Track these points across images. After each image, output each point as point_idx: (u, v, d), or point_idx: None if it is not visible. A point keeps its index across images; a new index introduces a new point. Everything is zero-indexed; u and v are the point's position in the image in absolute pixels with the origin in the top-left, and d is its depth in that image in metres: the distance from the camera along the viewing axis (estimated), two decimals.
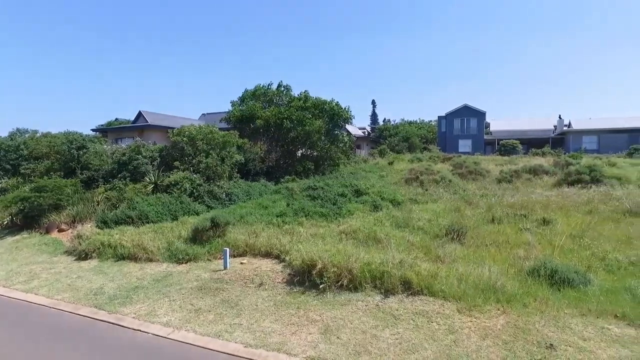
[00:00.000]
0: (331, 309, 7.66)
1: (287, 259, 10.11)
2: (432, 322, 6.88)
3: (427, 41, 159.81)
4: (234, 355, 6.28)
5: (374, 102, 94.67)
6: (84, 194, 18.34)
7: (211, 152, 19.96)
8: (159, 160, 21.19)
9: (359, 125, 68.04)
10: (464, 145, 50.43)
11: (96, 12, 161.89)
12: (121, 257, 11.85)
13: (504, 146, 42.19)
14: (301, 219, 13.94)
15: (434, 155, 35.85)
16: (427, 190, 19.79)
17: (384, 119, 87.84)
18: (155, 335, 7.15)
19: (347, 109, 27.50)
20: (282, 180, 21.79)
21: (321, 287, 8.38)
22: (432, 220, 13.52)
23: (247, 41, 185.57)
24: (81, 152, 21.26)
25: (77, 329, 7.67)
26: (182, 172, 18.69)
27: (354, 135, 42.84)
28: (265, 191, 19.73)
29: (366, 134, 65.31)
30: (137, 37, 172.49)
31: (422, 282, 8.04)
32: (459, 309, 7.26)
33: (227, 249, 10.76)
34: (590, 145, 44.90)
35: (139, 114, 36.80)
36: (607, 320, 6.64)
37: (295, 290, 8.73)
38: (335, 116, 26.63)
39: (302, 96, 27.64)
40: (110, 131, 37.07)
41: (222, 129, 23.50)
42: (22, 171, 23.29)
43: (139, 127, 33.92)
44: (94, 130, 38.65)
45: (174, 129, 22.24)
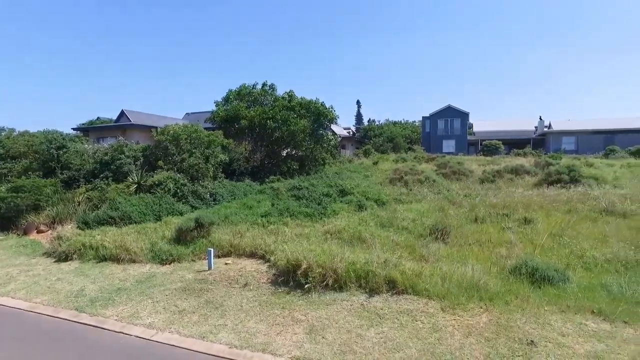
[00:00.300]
0: (316, 308, 7.67)
1: (272, 259, 10.08)
2: (416, 321, 6.95)
3: (411, 42, 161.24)
4: (218, 356, 6.23)
5: (358, 102, 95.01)
6: (65, 194, 17.94)
7: (195, 152, 19.77)
8: (142, 160, 20.88)
9: (344, 125, 68.18)
10: (448, 145, 51.09)
11: (76, 10, 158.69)
12: (103, 259, 11.63)
13: (486, 146, 42.89)
14: (286, 219, 13.92)
15: (419, 155, 36.16)
16: (411, 190, 19.96)
17: (369, 119, 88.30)
18: (138, 337, 7.05)
19: (331, 109, 27.54)
20: (267, 180, 21.72)
21: (306, 287, 8.38)
22: (417, 219, 13.64)
23: (231, 41, 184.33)
24: (61, 152, 20.79)
25: (57, 332, 7.49)
26: (166, 171, 18.46)
27: (338, 135, 42.92)
28: (250, 191, 19.63)
29: (351, 134, 65.52)
30: (118, 35, 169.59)
31: (407, 281, 8.11)
32: (442, 308, 7.36)
33: (212, 250, 10.68)
34: (569, 146, 46.04)
35: (122, 113, 36.29)
36: (585, 316, 6.83)
37: (280, 290, 8.72)
38: (320, 116, 26.62)
39: (287, 96, 27.58)
40: (91, 130, 36.46)
41: (206, 128, 23.30)
42: None
43: (121, 126, 33.45)
44: (74, 129, 37.96)
45: (157, 128, 21.97)
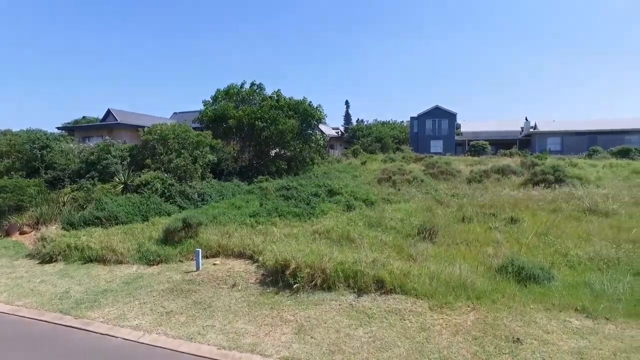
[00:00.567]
0: (305, 308, 7.67)
1: (260, 259, 10.05)
2: (404, 320, 7.00)
3: (400, 43, 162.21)
4: (206, 357, 6.18)
5: (347, 102, 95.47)
6: (49, 194, 17.62)
7: (183, 152, 19.61)
8: (129, 159, 20.64)
9: (332, 125, 68.16)
10: (436, 145, 51.46)
11: (62, 6, 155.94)
12: (89, 260, 11.45)
13: (474, 147, 43.32)
14: (274, 219, 13.89)
15: (407, 155, 36.26)
16: (399, 190, 20.06)
17: (358, 119, 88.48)
18: (124, 339, 6.95)
19: (319, 109, 27.50)
20: (256, 180, 21.63)
21: (295, 287, 8.38)
22: (405, 219, 13.72)
23: (218, 40, 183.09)
24: (45, 152, 20.42)
25: (41, 335, 7.34)
26: (154, 171, 18.28)
27: (327, 135, 42.98)
28: (238, 191, 19.54)
29: (339, 134, 65.50)
30: (104, 33, 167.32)
31: (395, 281, 8.16)
32: (430, 307, 7.42)
33: (200, 250, 10.60)
34: (554, 146, 46.76)
35: (108, 112, 35.79)
36: (569, 313, 6.96)
37: (268, 290, 8.69)
38: (307, 116, 26.59)
39: (275, 95, 27.49)
40: (77, 130, 35.88)
41: (194, 128, 23.13)
42: None
43: (108, 125, 33.01)
44: (59, 128, 37.23)
45: (145, 127, 21.72)
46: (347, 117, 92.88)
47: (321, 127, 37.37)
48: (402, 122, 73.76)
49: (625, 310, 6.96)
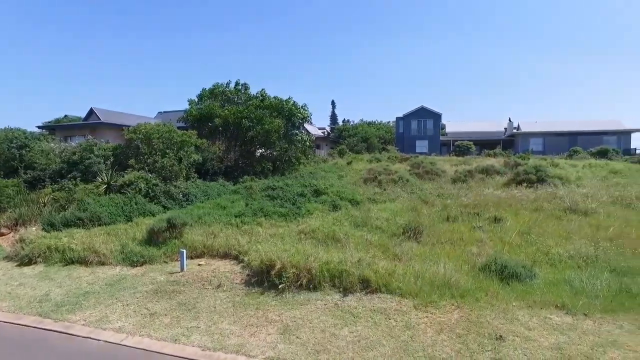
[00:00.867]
0: (290, 309, 7.67)
1: (245, 259, 10.02)
2: (389, 319, 7.05)
3: (386, 43, 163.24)
4: (191, 359, 6.14)
5: (333, 102, 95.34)
6: (28, 195, 17.21)
7: (168, 152, 19.39)
8: (112, 159, 20.33)
9: (318, 125, 68.21)
10: (421, 145, 51.91)
11: (44, 3, 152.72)
12: (70, 262, 11.23)
13: (458, 147, 43.83)
14: (260, 219, 13.85)
15: (392, 155, 36.44)
16: (385, 189, 20.17)
17: (344, 120, 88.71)
18: (107, 342, 6.84)
19: (304, 108, 27.45)
20: (241, 180, 21.48)
21: (280, 287, 8.37)
22: (390, 219, 13.81)
23: (203, 39, 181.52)
24: (24, 151, 19.95)
25: (19, 340, 7.16)
26: (137, 171, 18.02)
27: (313, 135, 42.95)
28: (223, 191, 19.40)
29: (326, 134, 65.62)
30: (87, 31, 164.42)
31: (380, 280, 8.22)
32: (415, 306, 7.49)
33: (184, 251, 10.51)
34: (536, 146, 47.68)
35: (91, 111, 35.22)
36: (550, 310, 7.12)
37: (254, 290, 8.66)
38: (292, 115, 26.54)
39: (260, 95, 27.37)
40: (58, 129, 35.20)
41: (179, 128, 22.89)
42: None
43: (90, 124, 32.48)
44: (40, 127, 36.41)
45: (129, 127, 21.42)
46: (334, 117, 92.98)
47: (307, 127, 37.29)
48: (388, 122, 74.17)
49: (602, 306, 7.17)
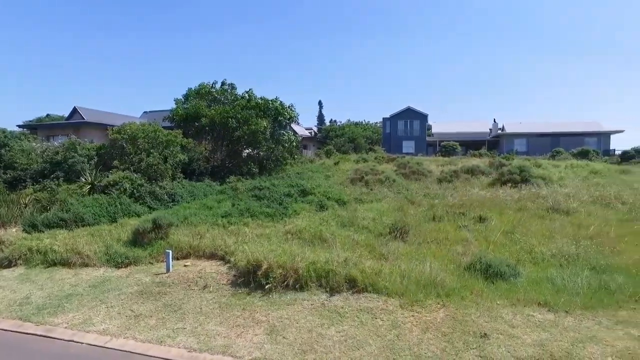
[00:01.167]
0: (277, 309, 7.66)
1: (232, 260, 9.96)
2: (376, 318, 7.09)
3: (373, 44, 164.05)
4: None
5: (320, 102, 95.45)
6: (8, 195, 16.82)
7: (153, 152, 19.18)
8: (96, 159, 20.06)
9: (305, 125, 68.23)
10: (408, 146, 52.31)
11: (24, 1, 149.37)
12: (52, 263, 11.01)
13: (444, 147, 44.28)
14: (247, 219, 13.80)
15: (379, 155, 36.60)
16: (372, 190, 20.26)
17: (331, 120, 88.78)
18: (90, 345, 6.74)
19: (291, 108, 27.43)
20: (228, 180, 21.35)
21: (267, 287, 8.35)
22: (377, 219, 13.88)
23: (190, 38, 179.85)
24: (3, 151, 19.51)
25: None
26: (122, 172, 17.79)
27: (300, 135, 42.89)
28: (210, 191, 19.26)
29: (313, 134, 65.62)
30: (71, 29, 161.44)
31: (367, 280, 8.25)
32: (401, 305, 7.54)
33: (170, 251, 10.40)
34: (520, 147, 48.51)
35: (74, 110, 34.68)
36: (533, 308, 7.26)
37: (240, 291, 8.63)
38: (279, 116, 26.51)
39: (247, 95, 27.27)
40: (40, 128, 34.59)
41: (165, 127, 22.70)
42: None
43: (74, 124, 32.01)
44: (20, 126, 35.67)
45: (113, 126, 21.15)
46: (321, 117, 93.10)
47: (294, 127, 37.31)
48: (375, 123, 74.54)
49: (582, 303, 7.35)
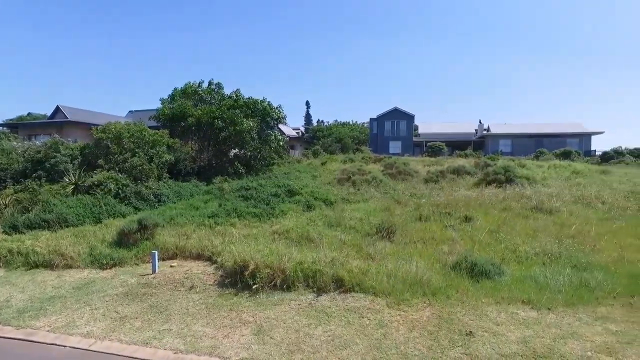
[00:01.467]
0: (264, 309, 7.64)
1: (219, 260, 9.92)
2: (363, 318, 7.12)
3: (360, 45, 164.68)
4: None
5: (307, 103, 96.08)
6: None
7: (138, 151, 18.95)
8: (80, 159, 19.71)
9: (293, 125, 68.33)
10: (395, 146, 52.68)
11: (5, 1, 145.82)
12: (34, 265, 10.76)
13: (431, 148, 44.69)
14: (234, 219, 13.74)
15: (366, 156, 36.76)
16: (359, 190, 20.34)
17: (318, 120, 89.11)
18: (73, 347, 6.61)
19: (279, 109, 27.42)
20: (214, 180, 21.24)
21: (254, 287, 8.32)
22: (364, 219, 13.93)
23: (176, 37, 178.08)
24: None
25: None
26: (107, 172, 17.53)
27: (287, 135, 42.95)
28: (196, 192, 19.15)
29: (300, 134, 65.69)
30: (54, 28, 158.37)
31: (354, 280, 8.29)
32: (388, 304, 7.60)
33: (156, 252, 10.29)
34: (505, 148, 49.25)
35: (57, 109, 34.07)
36: (517, 306, 7.38)
37: (227, 292, 8.58)
38: (266, 116, 26.45)
39: (234, 95, 27.14)
40: (21, 127, 33.90)
41: (151, 127, 22.45)
42: None
43: (57, 123, 31.46)
44: (0, 124, 34.91)
45: (98, 126, 20.83)
46: (308, 117, 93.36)
47: (282, 127, 37.26)
48: (362, 123, 74.88)
49: (564, 300, 7.51)
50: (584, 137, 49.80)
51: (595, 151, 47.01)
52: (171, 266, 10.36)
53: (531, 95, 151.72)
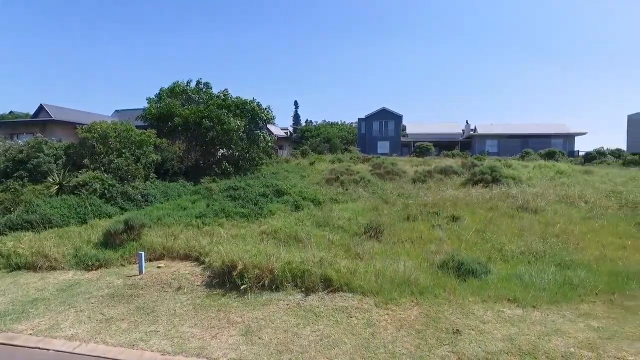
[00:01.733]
0: (252, 309, 7.61)
1: (207, 260, 9.83)
2: (351, 317, 7.14)
3: (348, 45, 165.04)
4: None
5: (296, 102, 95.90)
6: None
7: (124, 151, 18.71)
8: (64, 158, 19.36)
9: (281, 125, 68.25)
10: (382, 146, 53.02)
11: None
12: (16, 267, 10.54)
13: (418, 148, 45.07)
14: (221, 219, 13.65)
15: (354, 156, 36.94)
16: (347, 190, 20.38)
17: (307, 120, 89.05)
18: (57, 351, 6.48)
19: (268, 109, 27.38)
20: (202, 180, 21.10)
21: (242, 288, 8.28)
22: (352, 218, 13.98)
23: (163, 37, 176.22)
24: None
25: None
26: (93, 171, 17.27)
27: (276, 135, 42.84)
28: (184, 192, 18.99)
29: (288, 134, 65.65)
30: (36, 22, 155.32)
31: (342, 279, 8.29)
32: (376, 303, 7.62)
33: (142, 253, 10.16)
34: (492, 148, 49.95)
35: (41, 108, 33.50)
36: (502, 304, 7.48)
37: (215, 292, 8.52)
38: (255, 116, 26.36)
39: (222, 95, 26.98)
40: (2, 125, 33.18)
41: (138, 127, 22.17)
42: None
43: (40, 121, 30.92)
44: None
45: (83, 125, 20.51)
46: (296, 117, 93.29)
47: (270, 127, 37.20)
48: (351, 123, 75.09)
49: (548, 297, 7.64)
50: (568, 138, 50.78)
51: (578, 152, 47.94)
52: (158, 267, 10.26)
53: (516, 96, 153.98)
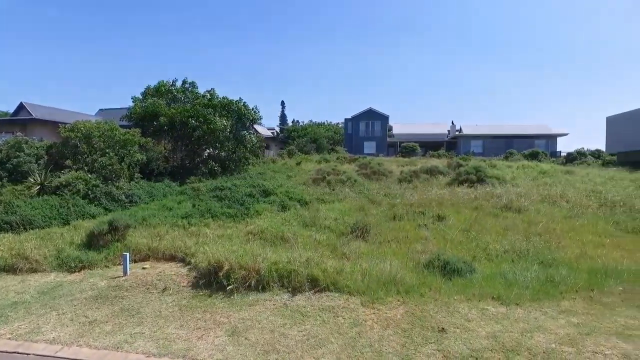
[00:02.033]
0: (239, 310, 7.58)
1: (192, 261, 9.77)
2: (338, 317, 7.16)
3: (334, 46, 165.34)
4: None
5: (283, 103, 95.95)
6: None
7: (108, 151, 18.43)
8: (46, 158, 18.98)
9: (268, 125, 68.02)
10: (369, 146, 53.28)
11: None
12: None
13: (405, 148, 45.36)
14: (207, 220, 13.57)
15: (341, 156, 36.98)
16: (333, 190, 20.40)
17: (293, 120, 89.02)
18: (37, 355, 6.33)
19: (255, 110, 27.27)
20: (188, 180, 20.89)
21: (228, 288, 8.23)
22: (338, 218, 14.01)
23: (151, 37, 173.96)
24: None
25: None
26: (76, 172, 16.96)
27: (262, 135, 42.69)
28: (169, 192, 18.77)
29: (275, 134, 65.46)
30: (17, 19, 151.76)
31: (328, 279, 8.31)
32: (363, 303, 7.66)
33: (127, 254, 10.03)
34: (477, 148, 50.60)
35: (21, 106, 32.76)
36: (487, 302, 7.59)
37: (201, 293, 8.46)
38: (242, 116, 26.23)
39: (208, 94, 26.79)
40: None
41: (122, 126, 21.85)
42: None
43: (20, 120, 30.21)
44: None
45: (65, 124, 20.13)
46: (283, 117, 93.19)
47: (256, 127, 37.02)
48: (337, 123, 75.28)
49: (531, 295, 7.79)
50: (550, 139, 51.77)
51: (560, 152, 48.80)
52: (143, 268, 10.14)
53: (501, 97, 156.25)
